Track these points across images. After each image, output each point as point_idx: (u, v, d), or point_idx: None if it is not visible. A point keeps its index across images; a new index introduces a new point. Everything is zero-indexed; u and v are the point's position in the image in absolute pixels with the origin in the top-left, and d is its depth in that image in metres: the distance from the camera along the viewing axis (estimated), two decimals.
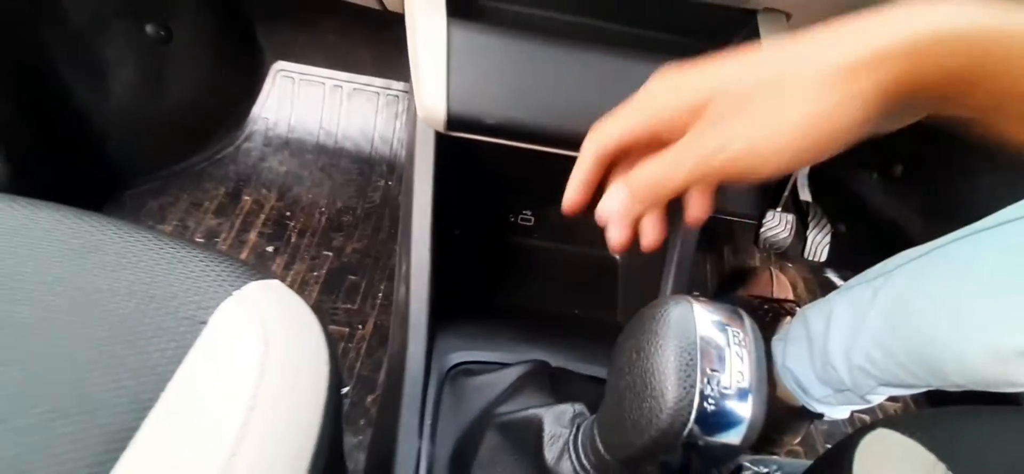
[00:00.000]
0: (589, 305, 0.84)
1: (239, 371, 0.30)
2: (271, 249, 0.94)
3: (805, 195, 1.11)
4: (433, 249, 0.61)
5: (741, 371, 0.31)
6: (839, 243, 1.06)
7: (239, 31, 1.04)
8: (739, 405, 0.31)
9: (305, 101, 1.11)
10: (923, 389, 0.57)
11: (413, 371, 0.58)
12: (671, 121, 0.27)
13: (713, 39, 0.59)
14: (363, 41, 1.05)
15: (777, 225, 1.07)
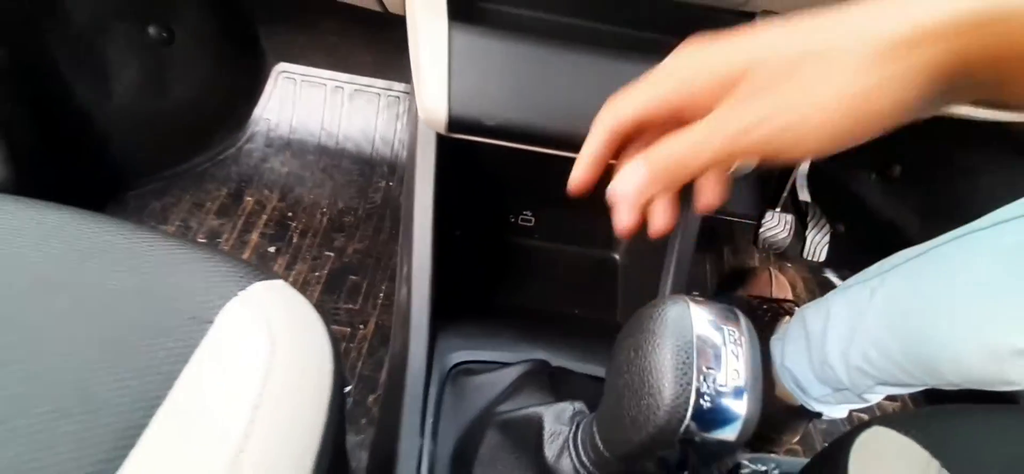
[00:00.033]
0: (589, 305, 0.84)
1: (245, 370, 0.30)
2: (273, 249, 0.95)
3: (804, 195, 1.11)
4: (434, 250, 0.62)
5: (736, 369, 0.32)
6: (838, 243, 1.06)
7: (241, 32, 1.05)
8: (734, 402, 0.31)
9: (306, 102, 1.11)
10: (920, 388, 0.57)
11: (415, 370, 0.58)
12: (700, 94, 0.25)
13: None
14: (364, 42, 1.06)
15: (776, 225, 1.07)
